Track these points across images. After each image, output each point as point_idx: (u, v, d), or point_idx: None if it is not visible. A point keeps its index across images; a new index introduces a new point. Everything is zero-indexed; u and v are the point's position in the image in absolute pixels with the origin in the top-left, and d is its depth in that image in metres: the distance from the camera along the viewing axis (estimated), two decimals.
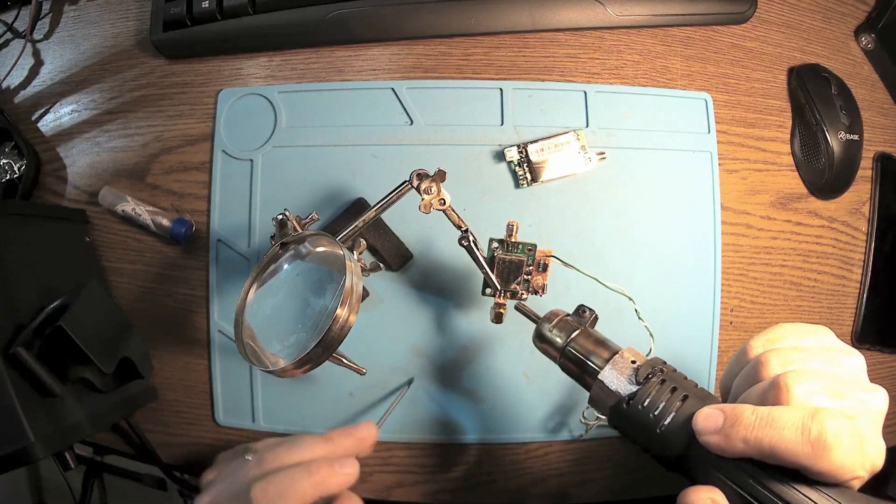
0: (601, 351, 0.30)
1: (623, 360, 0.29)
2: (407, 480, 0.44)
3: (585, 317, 0.33)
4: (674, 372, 0.28)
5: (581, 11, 0.45)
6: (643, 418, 0.26)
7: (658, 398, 0.26)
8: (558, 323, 0.33)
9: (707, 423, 0.24)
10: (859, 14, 0.51)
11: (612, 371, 0.28)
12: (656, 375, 0.27)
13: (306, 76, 0.46)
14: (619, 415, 0.27)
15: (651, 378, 0.27)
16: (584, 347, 0.31)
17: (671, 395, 0.26)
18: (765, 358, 0.25)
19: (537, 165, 0.44)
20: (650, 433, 0.26)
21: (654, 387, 0.27)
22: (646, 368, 0.27)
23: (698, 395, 0.26)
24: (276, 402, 0.44)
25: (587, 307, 0.33)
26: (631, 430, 0.27)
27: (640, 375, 0.27)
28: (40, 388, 0.34)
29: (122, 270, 0.45)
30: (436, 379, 0.44)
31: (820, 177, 0.47)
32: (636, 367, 0.28)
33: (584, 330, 0.32)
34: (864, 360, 0.26)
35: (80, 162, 0.46)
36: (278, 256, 0.37)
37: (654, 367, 0.27)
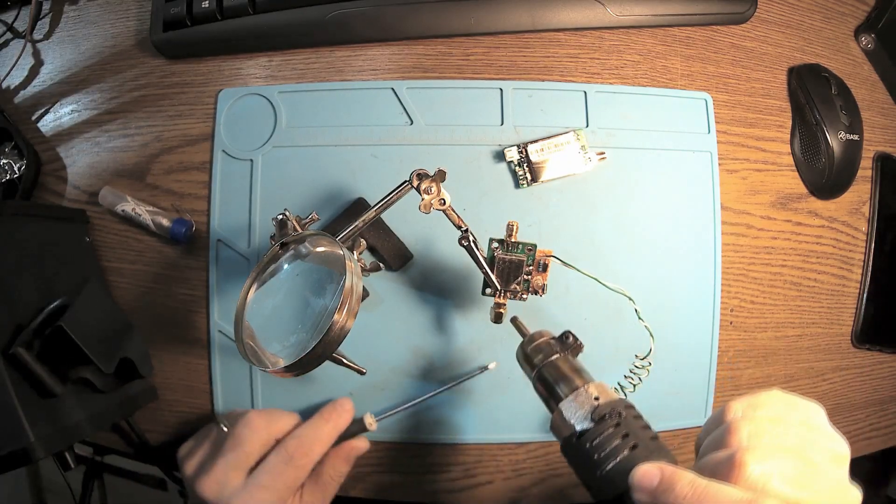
0: (572, 380, 0.30)
1: (586, 394, 0.28)
2: (407, 480, 0.44)
3: (567, 343, 0.33)
4: (635, 419, 0.27)
5: (581, 11, 0.45)
6: (588, 458, 0.26)
7: (607, 441, 0.26)
8: (540, 344, 0.33)
9: (642, 480, 0.23)
10: (859, 14, 0.51)
11: (572, 403, 0.28)
12: (612, 418, 0.26)
13: (306, 76, 0.46)
14: (568, 448, 0.27)
15: (606, 420, 0.26)
16: (556, 372, 0.31)
17: (621, 440, 0.25)
18: (735, 425, 0.24)
19: (537, 165, 0.44)
20: (591, 474, 0.26)
21: (607, 429, 0.26)
22: (605, 408, 0.27)
23: (650, 447, 0.25)
24: (276, 402, 0.44)
25: (572, 334, 0.33)
26: (575, 467, 0.27)
27: (596, 414, 0.27)
28: (40, 388, 0.34)
29: (122, 270, 0.45)
30: (436, 379, 0.44)
31: (820, 177, 0.47)
32: (596, 404, 0.27)
33: (563, 356, 0.32)
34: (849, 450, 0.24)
35: (80, 162, 0.46)
36: (278, 256, 0.37)
37: (614, 410, 0.27)
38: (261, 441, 0.37)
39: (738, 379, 0.46)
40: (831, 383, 0.49)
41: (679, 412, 0.45)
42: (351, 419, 0.39)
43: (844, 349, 0.49)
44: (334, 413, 0.39)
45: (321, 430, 0.38)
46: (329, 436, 0.38)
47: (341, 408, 0.39)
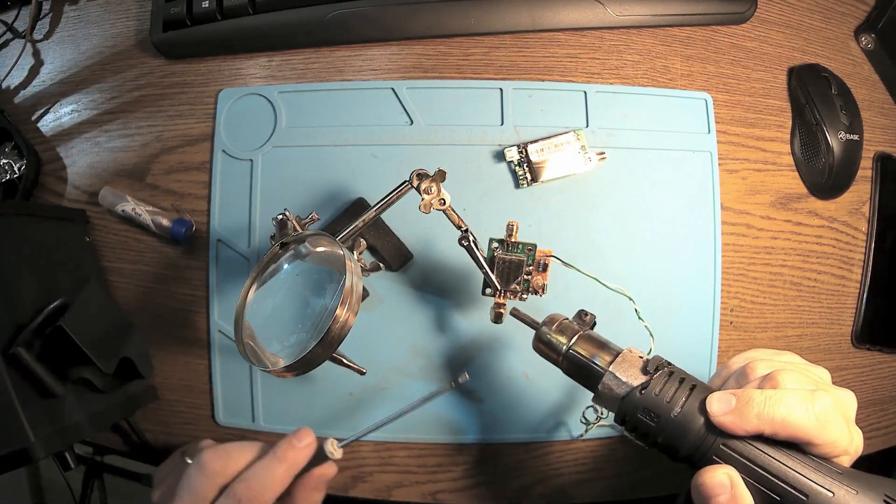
0: (604, 352, 0.31)
1: (631, 354, 0.30)
2: (407, 480, 0.44)
3: (586, 320, 0.34)
4: (679, 368, 0.29)
5: (581, 11, 0.45)
6: (657, 404, 0.28)
7: (669, 388, 0.28)
8: (559, 326, 0.33)
9: (721, 405, 0.26)
10: (859, 14, 0.51)
11: (622, 364, 0.30)
12: (664, 368, 0.29)
13: (306, 76, 0.46)
14: (632, 404, 0.28)
15: (660, 369, 0.29)
16: (587, 349, 0.32)
17: (679, 384, 0.28)
18: (752, 365, 0.29)
19: (537, 165, 0.44)
20: (664, 420, 0.27)
21: (664, 377, 0.28)
22: (654, 361, 0.29)
23: (703, 386, 0.28)
24: (276, 402, 0.44)
25: (588, 311, 0.34)
26: (643, 420, 0.28)
27: (650, 367, 0.29)
28: (40, 388, 0.34)
29: (122, 270, 0.45)
30: (436, 379, 0.44)
31: (820, 177, 0.47)
32: (645, 360, 0.30)
33: (586, 333, 0.33)
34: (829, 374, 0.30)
35: (80, 162, 0.46)
36: (278, 256, 0.37)
37: (661, 362, 0.29)
38: (215, 485, 0.34)
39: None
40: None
41: None
42: (311, 453, 0.35)
43: (844, 349, 0.49)
44: (290, 451, 0.34)
45: (274, 471, 0.34)
46: (283, 477, 0.34)
47: (298, 443, 0.35)
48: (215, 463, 0.34)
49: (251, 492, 0.33)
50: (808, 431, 0.24)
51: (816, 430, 0.24)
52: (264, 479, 0.33)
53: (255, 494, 0.33)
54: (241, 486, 0.33)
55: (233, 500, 0.33)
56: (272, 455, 0.34)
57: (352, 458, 0.44)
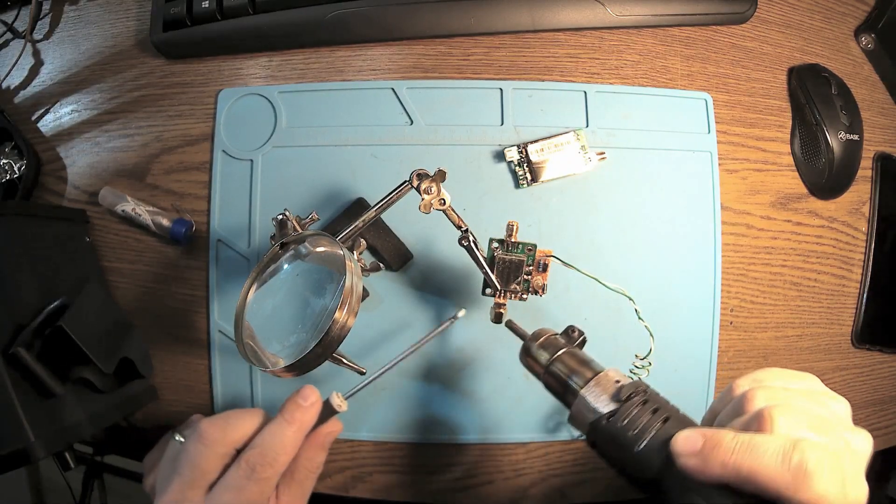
0: (585, 370, 0.30)
1: (607, 378, 0.29)
2: (407, 480, 0.44)
3: (573, 336, 0.33)
4: (657, 395, 0.28)
5: (581, 11, 0.45)
6: (621, 436, 0.26)
7: (638, 418, 0.26)
8: (545, 341, 0.33)
9: (686, 445, 0.24)
10: (859, 14, 0.51)
11: (594, 388, 0.28)
12: (638, 395, 0.27)
13: (306, 76, 0.46)
14: (598, 432, 0.27)
15: (633, 398, 0.27)
16: (567, 366, 0.31)
17: (652, 415, 0.26)
18: (752, 394, 0.26)
19: (537, 165, 0.44)
20: (627, 452, 0.26)
21: (636, 406, 0.27)
22: (629, 388, 0.27)
23: (679, 418, 0.26)
24: (276, 402, 0.44)
25: (577, 328, 0.34)
26: (608, 449, 0.27)
27: (622, 394, 0.27)
28: (40, 388, 0.34)
29: (122, 270, 0.45)
30: (435, 379, 0.44)
31: (820, 177, 0.47)
32: (619, 386, 0.28)
33: (570, 349, 0.32)
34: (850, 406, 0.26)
35: (80, 162, 0.46)
36: (278, 256, 0.37)
37: (637, 388, 0.27)
38: (217, 455, 0.32)
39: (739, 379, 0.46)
40: (831, 383, 0.48)
41: None
42: (318, 412, 0.34)
43: (844, 349, 0.49)
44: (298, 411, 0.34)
45: (284, 434, 0.33)
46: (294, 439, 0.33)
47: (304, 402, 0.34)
48: (214, 431, 0.32)
49: (265, 458, 0.32)
50: (779, 487, 0.22)
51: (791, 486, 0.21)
52: (276, 444, 0.32)
53: (269, 460, 0.32)
54: (253, 452, 0.32)
55: (246, 468, 0.32)
56: (280, 418, 0.34)
57: (352, 458, 0.44)
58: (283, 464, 0.33)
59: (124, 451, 0.46)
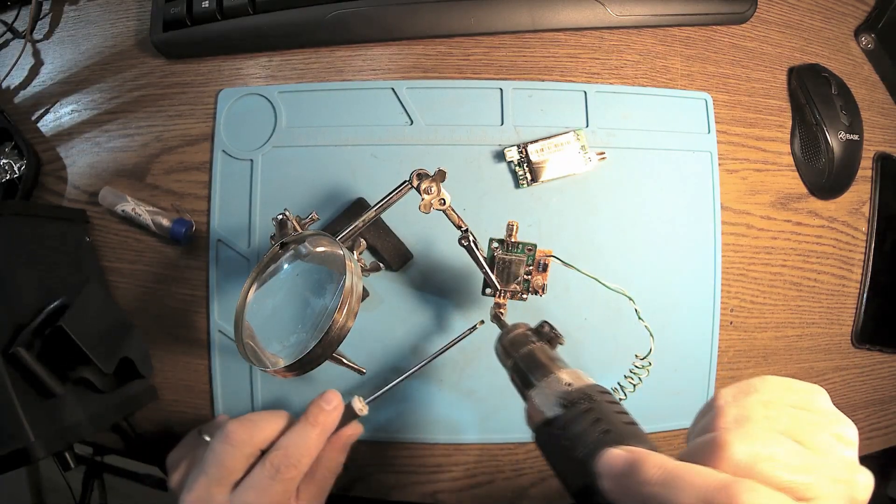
0: (544, 369, 0.29)
1: (558, 381, 0.27)
2: (407, 480, 0.44)
3: (543, 332, 0.32)
4: (609, 403, 0.25)
5: (581, 11, 0.45)
6: (558, 444, 0.24)
7: (576, 426, 0.24)
8: (516, 335, 0.33)
9: (607, 465, 0.21)
10: (859, 14, 0.51)
11: (543, 391, 0.27)
12: (584, 403, 0.25)
13: (306, 76, 0.46)
14: (539, 437, 0.26)
15: (577, 405, 0.25)
16: (530, 362, 0.30)
17: (591, 425, 0.24)
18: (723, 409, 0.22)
19: (537, 165, 0.44)
20: (561, 461, 0.24)
21: (578, 414, 0.24)
22: (576, 394, 0.25)
23: (623, 432, 0.23)
24: (276, 402, 0.44)
25: (548, 324, 0.32)
26: (547, 456, 0.26)
27: (567, 399, 0.25)
28: (40, 388, 0.34)
29: (122, 270, 0.45)
30: (436, 379, 0.44)
31: (820, 177, 0.47)
32: (568, 390, 0.26)
33: (539, 346, 0.31)
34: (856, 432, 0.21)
35: (80, 162, 0.46)
36: (278, 256, 0.37)
37: (586, 394, 0.25)
38: (243, 455, 0.34)
39: (738, 379, 0.45)
40: (831, 383, 0.49)
41: (679, 412, 0.45)
42: (340, 415, 0.36)
43: (844, 349, 0.49)
44: (321, 415, 0.35)
45: (308, 437, 0.34)
46: (317, 441, 0.34)
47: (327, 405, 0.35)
48: (241, 432, 0.34)
49: (289, 459, 0.33)
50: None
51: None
52: (300, 446, 0.34)
53: (293, 461, 0.33)
54: (277, 454, 0.33)
55: (270, 468, 0.33)
56: (304, 421, 0.35)
57: (352, 458, 0.44)
58: (307, 465, 0.34)
59: (124, 451, 0.46)
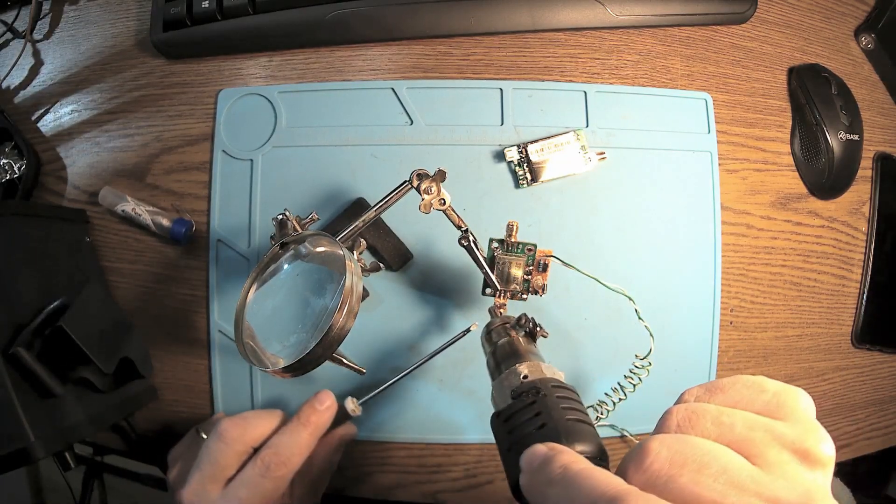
0: (509, 361, 0.29)
1: (515, 373, 0.27)
2: (407, 480, 0.44)
3: (520, 324, 0.32)
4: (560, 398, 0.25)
5: (581, 11, 0.45)
6: (501, 435, 0.25)
7: (517, 419, 0.24)
8: (496, 327, 0.34)
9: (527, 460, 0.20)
10: (859, 14, 0.51)
11: (501, 382, 0.28)
12: (529, 396, 0.25)
13: (306, 76, 0.46)
14: (492, 428, 0.26)
15: (523, 397, 0.25)
16: (502, 353, 0.31)
17: (531, 419, 0.24)
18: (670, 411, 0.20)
19: (537, 165, 0.44)
20: (502, 453, 0.24)
21: (520, 407, 0.25)
22: (526, 386, 0.26)
23: (560, 428, 0.22)
24: (275, 401, 0.44)
25: (527, 317, 0.32)
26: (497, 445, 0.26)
27: (516, 391, 0.26)
28: (40, 388, 0.34)
29: (122, 270, 0.45)
30: (436, 379, 0.44)
31: (820, 177, 0.47)
32: (521, 383, 0.26)
33: (514, 337, 0.32)
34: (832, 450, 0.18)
35: (80, 162, 0.46)
36: (278, 256, 0.37)
37: (536, 388, 0.25)
38: (236, 453, 0.35)
39: None
40: (831, 383, 0.49)
41: None
42: (332, 416, 0.36)
43: (844, 349, 0.49)
44: (313, 415, 0.36)
45: (299, 436, 0.35)
46: (308, 441, 0.35)
47: (320, 406, 0.36)
48: (233, 430, 0.35)
49: (279, 457, 0.34)
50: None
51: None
52: (291, 445, 0.35)
53: (283, 460, 0.34)
54: (268, 452, 0.34)
55: (261, 466, 0.34)
56: (296, 420, 0.36)
57: (352, 458, 0.44)
58: (297, 464, 0.35)
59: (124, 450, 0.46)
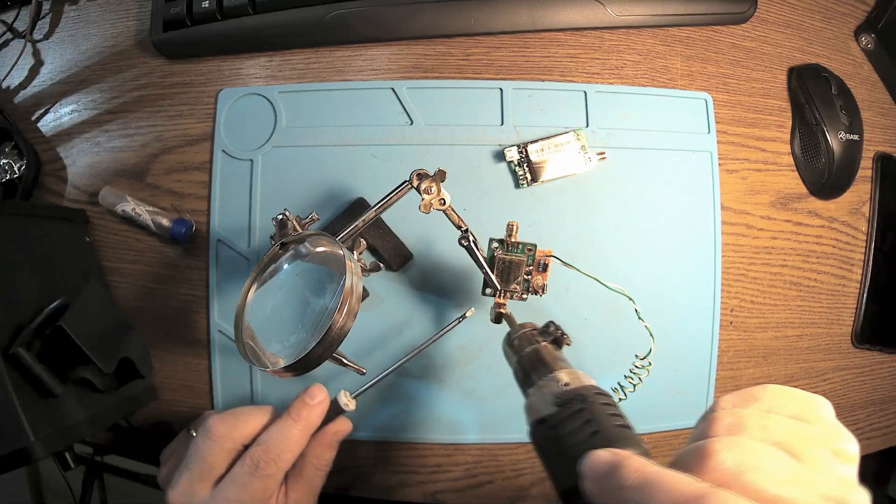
0: (544, 368, 0.29)
1: (556, 380, 0.27)
2: (407, 480, 0.44)
3: (549, 332, 0.33)
4: (604, 405, 0.25)
5: (581, 11, 0.45)
6: (548, 443, 0.25)
7: (567, 427, 0.24)
8: (522, 334, 0.33)
9: (589, 467, 0.21)
10: (859, 14, 0.51)
11: (540, 389, 0.28)
12: (576, 403, 0.25)
13: (306, 76, 0.46)
14: (533, 435, 0.26)
15: (570, 405, 0.25)
16: (533, 361, 0.31)
17: (582, 425, 0.24)
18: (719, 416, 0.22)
19: (537, 165, 0.44)
20: (550, 461, 0.25)
21: (570, 413, 0.25)
22: (571, 394, 0.26)
23: (613, 434, 0.23)
24: (275, 402, 0.44)
25: (556, 324, 0.33)
26: (539, 453, 0.26)
27: (561, 399, 0.26)
28: (40, 388, 0.33)
29: (122, 270, 0.45)
30: (436, 379, 0.44)
31: (820, 177, 0.47)
32: (564, 390, 0.26)
33: (543, 345, 0.32)
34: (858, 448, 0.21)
35: (80, 162, 0.46)
36: (278, 256, 0.37)
37: (580, 394, 0.26)
38: (223, 450, 0.33)
39: (738, 379, 0.46)
40: (831, 383, 0.49)
41: (679, 412, 0.45)
42: (325, 410, 0.35)
43: (844, 349, 0.49)
44: (304, 409, 0.34)
45: (290, 432, 0.34)
46: (300, 437, 0.34)
47: (311, 400, 0.35)
48: (222, 427, 0.34)
49: (269, 455, 0.33)
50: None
51: None
52: (281, 441, 0.33)
53: (273, 457, 0.33)
54: (258, 449, 0.33)
55: (250, 464, 0.33)
56: (286, 416, 0.34)
57: (352, 457, 0.44)
58: (288, 461, 0.33)
59: (124, 450, 0.46)
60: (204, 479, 0.33)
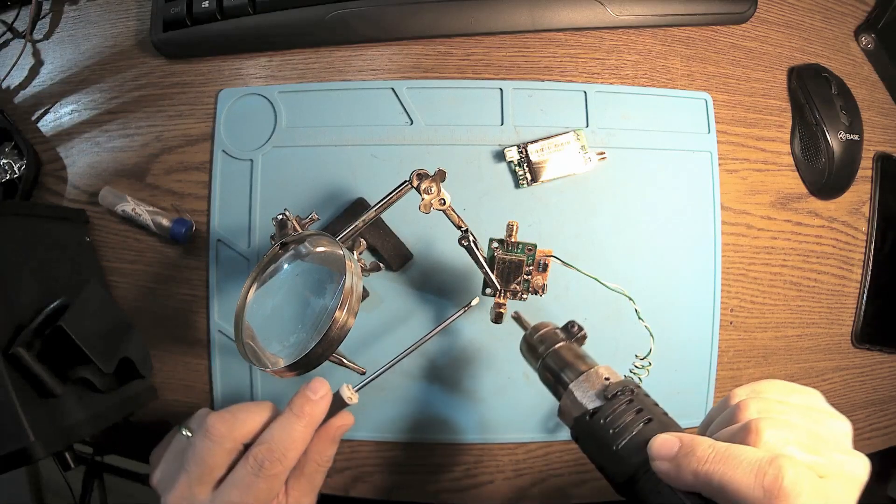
0: (578, 365, 0.30)
1: (597, 375, 0.29)
2: (407, 480, 0.44)
3: (573, 332, 0.33)
4: (645, 396, 0.28)
5: (581, 11, 0.45)
6: (602, 434, 0.26)
7: (620, 417, 0.26)
8: (544, 334, 0.34)
9: (661, 449, 0.24)
10: (859, 14, 0.51)
11: (583, 384, 0.29)
12: (625, 395, 0.27)
13: (306, 76, 0.46)
14: (581, 427, 0.27)
15: (619, 396, 0.27)
16: (562, 359, 0.31)
17: (635, 415, 0.26)
18: (745, 404, 0.25)
19: (537, 165, 0.44)
20: (606, 450, 0.26)
21: (620, 405, 0.26)
22: (616, 386, 0.27)
23: (664, 421, 0.26)
24: (275, 402, 0.44)
25: (577, 323, 0.34)
26: (589, 446, 0.27)
27: (608, 392, 0.27)
28: (40, 388, 0.33)
29: (122, 270, 0.45)
30: (436, 379, 0.44)
31: (820, 177, 0.47)
32: (608, 383, 0.28)
33: (567, 344, 0.32)
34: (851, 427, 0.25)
35: (80, 162, 0.46)
36: (278, 256, 0.37)
37: (625, 387, 0.27)
38: (224, 450, 0.32)
39: (738, 379, 0.46)
40: (831, 383, 0.49)
41: (679, 412, 0.44)
42: (328, 405, 0.34)
43: (844, 349, 0.49)
44: (307, 405, 0.33)
45: (293, 429, 0.32)
46: (303, 434, 0.32)
47: (314, 395, 0.33)
48: (221, 426, 0.32)
49: (273, 454, 0.31)
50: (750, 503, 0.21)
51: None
52: (285, 439, 0.32)
53: (278, 456, 0.31)
54: (261, 448, 0.31)
55: (253, 464, 0.31)
56: (289, 412, 0.33)
57: (352, 458, 0.44)
58: (293, 459, 0.32)
59: (124, 450, 0.46)
60: (203, 481, 0.32)
